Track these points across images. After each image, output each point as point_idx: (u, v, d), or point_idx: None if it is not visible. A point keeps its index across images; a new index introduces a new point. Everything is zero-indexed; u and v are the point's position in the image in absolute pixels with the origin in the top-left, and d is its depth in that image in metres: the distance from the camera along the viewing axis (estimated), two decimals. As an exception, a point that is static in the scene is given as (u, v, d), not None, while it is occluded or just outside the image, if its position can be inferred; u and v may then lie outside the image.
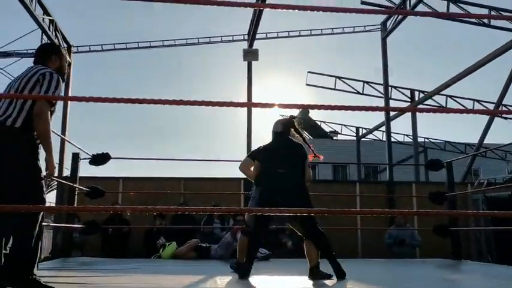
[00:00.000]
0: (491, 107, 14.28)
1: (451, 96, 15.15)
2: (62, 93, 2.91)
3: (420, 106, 12.97)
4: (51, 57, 2.97)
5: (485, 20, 11.45)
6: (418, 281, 3.85)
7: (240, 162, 4.08)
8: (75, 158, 5.47)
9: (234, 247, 5.40)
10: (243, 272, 3.57)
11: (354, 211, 5.72)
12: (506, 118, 15.43)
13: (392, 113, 13.67)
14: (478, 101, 15.59)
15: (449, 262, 5.56)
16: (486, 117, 12.78)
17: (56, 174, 2.85)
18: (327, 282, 3.40)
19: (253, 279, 3.56)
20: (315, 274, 3.51)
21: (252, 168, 3.95)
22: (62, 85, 2.85)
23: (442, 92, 13.72)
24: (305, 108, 2.48)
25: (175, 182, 7.89)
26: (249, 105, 6.45)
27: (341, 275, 3.50)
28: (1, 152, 2.63)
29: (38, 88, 2.71)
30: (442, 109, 13.41)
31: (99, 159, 3.29)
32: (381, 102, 14.32)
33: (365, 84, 15.91)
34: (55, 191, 8.91)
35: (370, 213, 4.30)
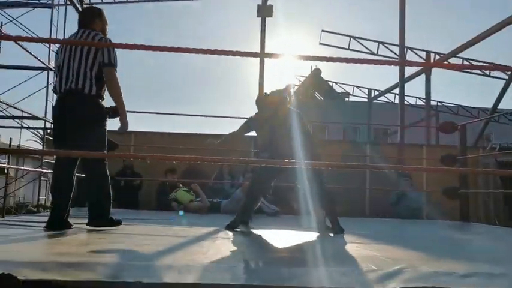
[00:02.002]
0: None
1: (467, 59, 14.82)
2: None
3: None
4: (95, 20, 3.33)
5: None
6: (429, 239, 3.90)
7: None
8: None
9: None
10: (237, 224, 3.68)
11: (363, 165, 5.74)
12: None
13: (406, 75, 13.42)
14: (496, 65, 15.23)
15: (457, 224, 5.62)
16: (502, 82, 12.54)
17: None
18: (335, 236, 3.46)
19: (262, 232, 3.65)
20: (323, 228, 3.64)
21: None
22: None
23: (458, 55, 13.41)
24: (317, 60, 2.44)
25: (187, 138, 7.92)
26: (263, 55, 6.38)
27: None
28: (83, 114, 3.14)
29: (100, 55, 3.15)
30: (460, 65, 13.10)
31: (111, 112, 3.32)
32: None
33: (380, 44, 15.58)
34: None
35: (380, 168, 4.33)
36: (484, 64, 14.78)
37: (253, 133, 4.82)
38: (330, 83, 21.29)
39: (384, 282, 1.63)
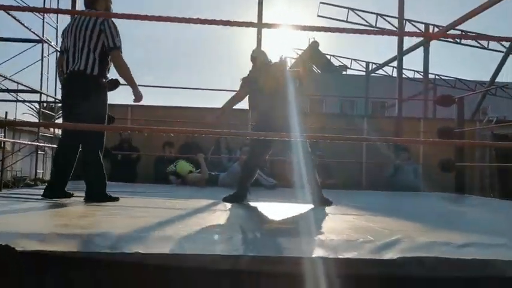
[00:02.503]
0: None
1: (466, 32, 14.64)
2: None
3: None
4: (98, 0, 3.42)
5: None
6: (426, 211, 3.93)
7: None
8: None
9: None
10: (234, 197, 3.69)
11: (361, 139, 5.77)
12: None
13: (404, 47, 13.27)
14: (494, 37, 15.07)
15: (453, 196, 5.66)
16: (499, 55, 12.44)
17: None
18: (331, 208, 3.47)
19: (259, 204, 3.67)
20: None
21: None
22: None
23: (457, 27, 13.24)
24: (315, 31, 2.40)
25: (184, 111, 7.88)
26: (260, 25, 6.26)
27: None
28: (87, 94, 3.24)
29: (104, 37, 3.26)
30: (459, 35, 12.87)
31: (111, 85, 3.43)
32: (394, 37, 13.85)
33: (378, 16, 15.36)
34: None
35: (376, 140, 4.33)
36: (483, 34, 14.61)
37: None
38: (328, 56, 21.09)
39: (381, 252, 1.64)
